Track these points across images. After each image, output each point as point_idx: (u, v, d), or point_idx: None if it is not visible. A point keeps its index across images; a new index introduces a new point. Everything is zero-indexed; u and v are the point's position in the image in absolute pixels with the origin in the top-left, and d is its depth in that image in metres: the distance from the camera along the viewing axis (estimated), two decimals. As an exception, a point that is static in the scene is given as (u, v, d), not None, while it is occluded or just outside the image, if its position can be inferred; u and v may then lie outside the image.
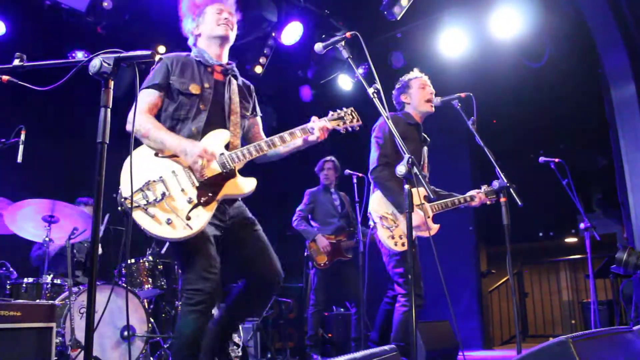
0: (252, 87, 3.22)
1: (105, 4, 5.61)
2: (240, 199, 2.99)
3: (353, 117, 3.07)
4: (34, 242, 4.95)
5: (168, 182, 2.69)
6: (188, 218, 2.62)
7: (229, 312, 3.00)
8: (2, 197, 4.19)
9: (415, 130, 4.15)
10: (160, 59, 2.92)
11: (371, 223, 3.88)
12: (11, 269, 4.34)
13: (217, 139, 2.83)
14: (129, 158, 2.51)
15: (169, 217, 2.61)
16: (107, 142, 1.94)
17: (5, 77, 2.00)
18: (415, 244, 3.83)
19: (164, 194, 2.64)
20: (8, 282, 4.28)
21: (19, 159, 3.92)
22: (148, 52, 1.97)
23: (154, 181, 2.66)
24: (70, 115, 6.25)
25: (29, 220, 4.17)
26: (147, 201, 2.60)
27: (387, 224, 3.80)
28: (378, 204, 3.91)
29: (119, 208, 2.62)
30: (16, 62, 2.01)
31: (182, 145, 2.71)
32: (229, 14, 3.03)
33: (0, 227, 4.23)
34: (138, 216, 2.59)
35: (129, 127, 2.72)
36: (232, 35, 3.06)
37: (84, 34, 6.13)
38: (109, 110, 1.93)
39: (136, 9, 5.98)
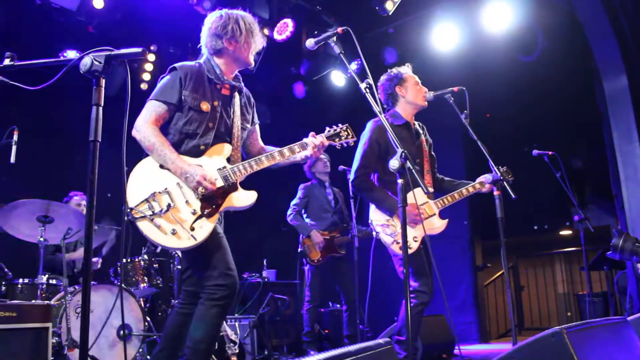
0: (251, 97, 3.27)
1: (96, 3, 5.57)
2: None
3: (348, 134, 3.19)
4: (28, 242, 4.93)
5: (173, 194, 2.74)
6: (192, 229, 2.70)
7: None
8: None
9: (405, 129, 3.96)
10: (174, 67, 2.93)
11: (374, 233, 3.81)
12: (6, 270, 4.33)
13: (220, 153, 2.91)
14: (134, 170, 2.70)
15: (174, 227, 2.67)
16: (100, 140, 1.94)
17: (-5, 77, 1.99)
18: (426, 242, 3.80)
19: (169, 206, 2.70)
20: (3, 282, 4.28)
21: (12, 159, 3.92)
22: (139, 50, 1.97)
23: (160, 192, 2.72)
24: (62, 115, 6.22)
25: (22, 221, 4.15)
26: (152, 212, 2.67)
27: (389, 230, 3.73)
28: (378, 212, 3.82)
29: (125, 218, 2.64)
30: (7, 61, 2.00)
31: (184, 169, 2.74)
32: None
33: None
34: (144, 226, 2.66)
35: (134, 133, 2.77)
36: None
37: (75, 33, 6.10)
38: (100, 108, 1.93)
39: (128, 8, 5.95)
